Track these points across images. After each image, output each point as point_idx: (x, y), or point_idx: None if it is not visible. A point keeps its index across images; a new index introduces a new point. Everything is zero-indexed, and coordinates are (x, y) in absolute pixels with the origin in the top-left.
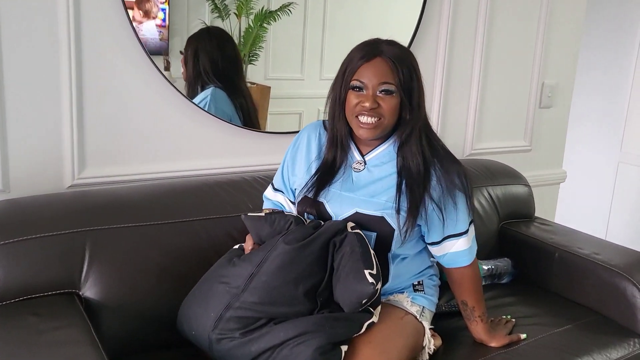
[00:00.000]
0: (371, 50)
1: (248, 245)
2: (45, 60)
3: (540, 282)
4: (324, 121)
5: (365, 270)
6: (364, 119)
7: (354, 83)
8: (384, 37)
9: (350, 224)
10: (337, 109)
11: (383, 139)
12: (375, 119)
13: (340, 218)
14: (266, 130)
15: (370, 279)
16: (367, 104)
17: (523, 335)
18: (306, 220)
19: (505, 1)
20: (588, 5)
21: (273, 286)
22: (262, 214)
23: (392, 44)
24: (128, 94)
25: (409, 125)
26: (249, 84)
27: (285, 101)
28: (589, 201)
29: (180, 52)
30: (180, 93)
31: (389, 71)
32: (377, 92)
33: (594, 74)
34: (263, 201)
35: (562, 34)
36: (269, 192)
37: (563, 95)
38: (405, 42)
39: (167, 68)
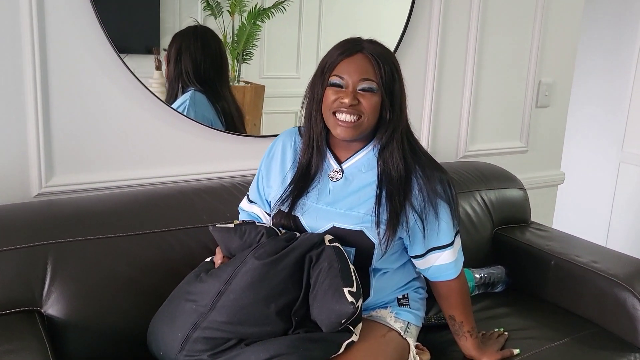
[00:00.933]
0: (352, 46)
1: (217, 258)
2: (6, 61)
3: (535, 291)
4: (299, 128)
5: (344, 289)
6: (342, 116)
7: (333, 79)
8: (370, 34)
9: (327, 237)
10: (314, 107)
11: (362, 144)
12: (355, 117)
13: (315, 232)
14: (248, 134)
15: (350, 298)
16: (346, 100)
17: (516, 351)
18: (280, 232)
19: None
20: (586, 1)
21: (242, 305)
22: (232, 224)
23: (373, 42)
24: (98, 97)
25: (390, 128)
26: (242, 83)
27: (281, 100)
28: (590, 202)
29: (164, 49)
30: (155, 97)
31: (371, 68)
32: (357, 89)
33: (594, 70)
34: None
35: (560, 29)
36: (244, 204)
37: (561, 94)
38: (395, 39)
39: (158, 67)
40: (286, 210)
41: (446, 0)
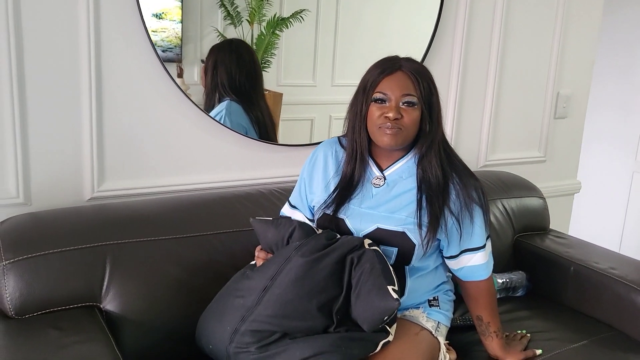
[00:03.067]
0: (391, 64)
1: (258, 254)
2: (66, 76)
3: (555, 296)
4: (339, 138)
5: (388, 287)
6: (387, 129)
7: (377, 95)
8: (401, 47)
9: (367, 241)
10: (357, 122)
11: (402, 153)
12: (397, 129)
13: (361, 234)
14: (282, 143)
15: (395, 295)
16: (390, 114)
17: (538, 351)
18: (317, 229)
19: (520, 11)
20: (604, 13)
21: (287, 299)
22: (270, 218)
23: (410, 60)
24: (146, 107)
25: (429, 139)
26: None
27: (298, 107)
28: (604, 211)
29: (202, 61)
30: (197, 106)
31: (411, 84)
32: (400, 104)
33: (608, 81)
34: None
35: (578, 43)
36: (285, 209)
37: (578, 106)
38: (420, 53)
39: (180, 75)
40: (331, 213)
41: (470, 14)
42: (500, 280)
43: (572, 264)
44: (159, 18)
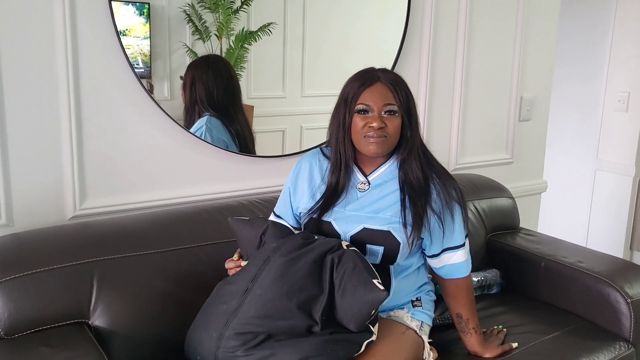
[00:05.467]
0: (370, 77)
1: (228, 265)
2: (45, 96)
3: (528, 291)
4: (320, 149)
5: (373, 280)
6: (372, 138)
7: (359, 107)
8: (367, 57)
9: (345, 242)
10: (341, 133)
11: (385, 158)
12: (382, 137)
13: (348, 235)
14: (261, 155)
15: (380, 286)
16: (374, 124)
17: (515, 344)
18: (293, 229)
19: (482, 22)
20: (559, 18)
21: (267, 299)
22: (247, 218)
23: (386, 70)
24: (125, 125)
25: (410, 143)
26: None
27: (269, 119)
28: (570, 208)
29: (180, 77)
30: (176, 122)
31: (390, 94)
32: (382, 113)
33: (569, 86)
34: None
35: (537, 49)
36: (271, 219)
37: (541, 108)
38: (388, 63)
39: (150, 91)
40: (317, 217)
41: (435, 27)
42: (475, 279)
43: (542, 259)
44: (123, 35)
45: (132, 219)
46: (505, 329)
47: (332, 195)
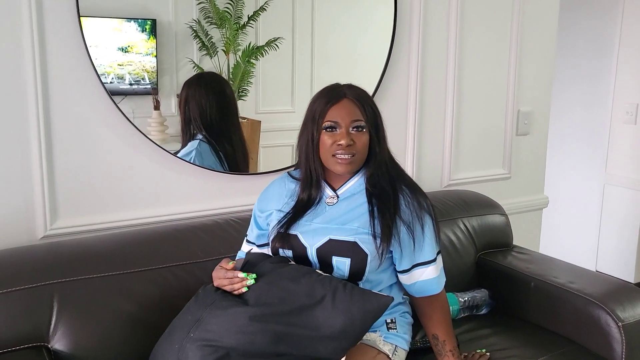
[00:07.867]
0: (336, 94)
1: (223, 266)
2: (12, 113)
3: (517, 312)
4: (288, 173)
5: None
6: (341, 156)
7: (327, 124)
8: (371, 70)
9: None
10: (310, 150)
11: (353, 174)
12: (350, 155)
13: (314, 247)
14: (242, 173)
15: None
16: (343, 142)
17: None
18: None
19: (475, 30)
20: (559, 29)
21: (229, 318)
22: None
23: (352, 87)
24: (97, 143)
25: (378, 158)
26: (239, 119)
27: (277, 134)
28: (579, 223)
29: (177, 95)
30: (150, 140)
31: (357, 110)
32: (350, 129)
33: (576, 97)
34: (235, 246)
35: (535, 60)
36: (244, 247)
37: (539, 122)
38: (376, 75)
39: (157, 107)
40: (283, 231)
41: (424, 35)
42: (462, 299)
43: (532, 279)
44: (125, 52)
45: (101, 239)
46: (488, 353)
47: (301, 209)
